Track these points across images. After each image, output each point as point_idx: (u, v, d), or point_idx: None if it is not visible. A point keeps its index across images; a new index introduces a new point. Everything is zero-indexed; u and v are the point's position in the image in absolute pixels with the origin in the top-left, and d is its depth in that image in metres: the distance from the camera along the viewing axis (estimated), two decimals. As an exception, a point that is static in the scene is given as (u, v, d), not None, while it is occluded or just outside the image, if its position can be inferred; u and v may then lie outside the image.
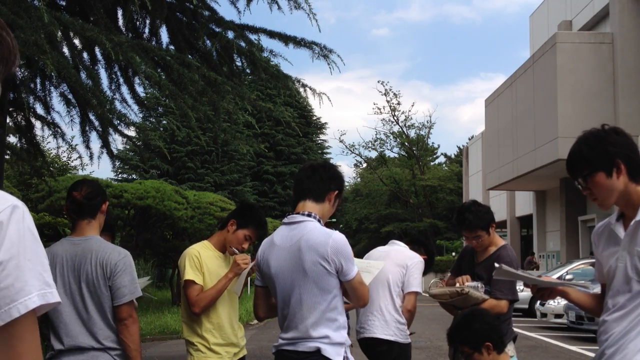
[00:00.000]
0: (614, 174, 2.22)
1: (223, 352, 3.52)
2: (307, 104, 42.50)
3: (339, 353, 2.65)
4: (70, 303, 2.92)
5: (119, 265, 2.93)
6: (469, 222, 3.74)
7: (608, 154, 2.23)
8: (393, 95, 43.22)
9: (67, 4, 6.30)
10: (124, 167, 35.72)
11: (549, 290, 2.58)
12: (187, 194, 17.08)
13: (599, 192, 2.26)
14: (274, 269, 2.77)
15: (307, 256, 2.66)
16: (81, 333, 2.91)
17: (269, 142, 39.38)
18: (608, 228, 2.37)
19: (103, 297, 2.92)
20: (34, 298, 1.10)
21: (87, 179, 3.43)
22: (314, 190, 2.82)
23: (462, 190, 38.06)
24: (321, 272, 2.64)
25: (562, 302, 13.49)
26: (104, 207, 3.10)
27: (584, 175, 2.27)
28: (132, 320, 2.94)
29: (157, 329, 12.85)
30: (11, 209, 1.12)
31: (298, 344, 2.68)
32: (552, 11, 24.38)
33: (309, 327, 2.65)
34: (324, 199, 2.83)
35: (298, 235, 2.72)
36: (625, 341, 2.17)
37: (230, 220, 3.61)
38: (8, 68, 1.19)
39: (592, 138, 2.28)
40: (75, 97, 6.22)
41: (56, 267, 2.94)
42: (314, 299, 2.65)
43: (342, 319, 2.72)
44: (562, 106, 17.77)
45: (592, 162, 2.25)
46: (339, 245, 2.66)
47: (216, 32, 6.57)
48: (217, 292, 3.43)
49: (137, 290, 2.96)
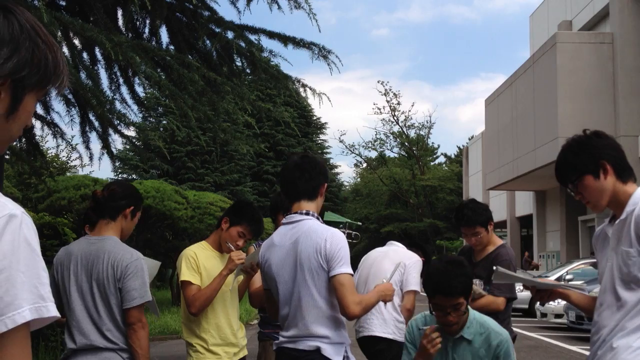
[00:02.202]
0: (601, 175, 2.27)
1: (222, 352, 3.51)
2: (307, 104, 42.48)
3: (338, 353, 2.65)
4: (81, 302, 2.91)
5: (130, 267, 2.88)
6: (468, 217, 3.76)
7: (592, 157, 2.28)
8: (393, 95, 43.31)
9: (66, 3, 6.31)
10: (124, 167, 35.70)
11: (549, 292, 2.59)
12: (187, 194, 17.07)
13: (590, 195, 2.31)
14: (274, 268, 2.79)
15: (305, 253, 2.68)
16: (92, 332, 2.88)
17: (269, 142, 39.37)
18: (604, 231, 2.41)
19: (112, 299, 2.88)
20: (25, 312, 1.05)
21: (120, 181, 3.35)
22: (307, 190, 2.84)
23: (462, 190, 38.06)
24: (318, 269, 2.65)
25: (562, 302, 13.49)
26: (127, 211, 3.03)
27: (572, 181, 2.33)
28: (141, 325, 2.89)
29: (157, 329, 12.85)
30: (7, 219, 1.07)
31: (298, 341, 2.69)
32: (552, 11, 24.38)
33: (309, 325, 2.66)
34: (317, 195, 2.87)
35: (297, 233, 2.74)
36: (614, 340, 2.19)
37: (224, 218, 3.61)
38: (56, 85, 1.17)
39: (575, 144, 2.36)
40: (75, 97, 6.22)
41: (70, 265, 2.94)
42: (313, 297, 2.66)
43: (343, 318, 2.72)
44: (562, 106, 17.77)
45: (577, 167, 2.31)
46: (335, 241, 2.68)
47: (216, 32, 6.58)
48: (212, 291, 3.41)
49: (147, 295, 2.92)
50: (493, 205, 29.32)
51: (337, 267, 2.63)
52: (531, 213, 25.73)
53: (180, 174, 34.32)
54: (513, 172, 21.61)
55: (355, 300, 2.63)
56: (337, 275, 2.62)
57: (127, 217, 3.05)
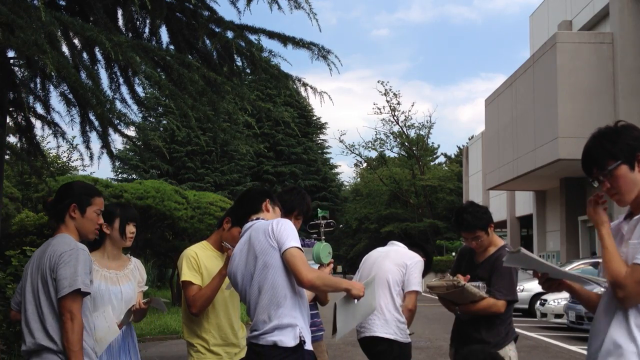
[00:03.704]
0: (637, 168, 2.22)
1: (223, 352, 3.51)
2: (307, 103, 42.51)
3: (295, 336, 2.74)
4: (32, 301, 2.91)
5: (64, 256, 2.83)
6: (467, 222, 3.74)
7: (630, 148, 2.22)
8: (393, 95, 43.29)
9: (66, 3, 6.30)
10: (124, 167, 35.72)
11: (558, 282, 2.50)
12: (187, 194, 17.07)
13: (622, 186, 2.24)
14: (234, 273, 2.94)
15: (255, 239, 2.85)
16: (38, 330, 2.86)
17: (269, 142, 39.38)
18: (619, 229, 2.36)
19: (52, 291, 2.84)
20: None
21: (64, 184, 3.23)
22: (249, 205, 3.10)
23: (462, 190, 38.05)
24: (267, 248, 2.79)
25: (562, 302, 13.50)
26: (71, 210, 2.99)
27: (608, 169, 2.24)
28: (70, 316, 2.77)
29: (157, 329, 12.85)
30: None
31: (259, 337, 2.78)
32: (552, 11, 24.38)
33: (263, 311, 2.77)
34: (261, 208, 3.08)
35: (248, 234, 2.93)
36: (609, 337, 2.18)
37: (226, 218, 3.60)
38: None
39: (612, 133, 2.27)
40: (75, 97, 6.22)
41: (28, 268, 2.98)
42: (266, 282, 2.78)
43: (296, 299, 2.80)
44: (562, 106, 17.76)
45: (616, 154, 2.22)
46: (280, 222, 2.86)
47: (216, 32, 6.57)
48: (212, 291, 3.41)
49: (78, 283, 2.79)
50: (493, 205, 29.34)
51: (286, 243, 2.77)
52: (531, 213, 25.73)
53: (180, 174, 34.34)
54: (513, 172, 21.60)
55: (308, 269, 2.74)
56: (287, 249, 2.76)
57: (76, 215, 3.00)
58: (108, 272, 3.53)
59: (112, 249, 3.59)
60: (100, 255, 3.56)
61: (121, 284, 3.55)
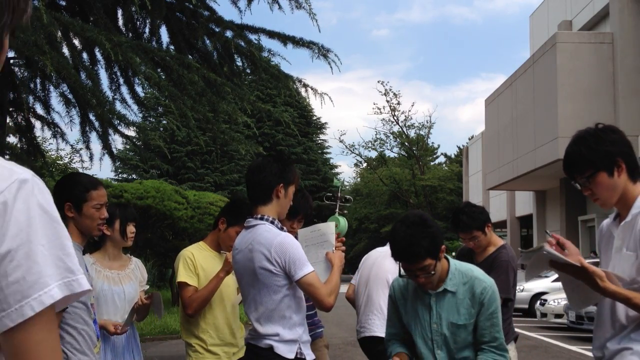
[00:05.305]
0: (615, 173, 2.21)
1: (221, 352, 3.51)
2: (307, 104, 42.46)
3: (291, 350, 2.73)
4: None
5: None
6: (464, 223, 3.75)
7: (609, 154, 2.20)
8: (393, 95, 43.29)
9: (66, 4, 6.30)
10: (124, 167, 35.70)
11: None
12: (187, 194, 17.06)
13: (601, 192, 2.24)
14: (237, 271, 2.90)
15: (256, 258, 2.74)
16: None
17: (269, 142, 39.35)
18: (609, 229, 2.36)
19: None
20: (53, 290, 0.89)
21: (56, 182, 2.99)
22: (258, 193, 2.83)
23: (462, 190, 38.04)
24: (267, 274, 2.71)
25: (562, 301, 13.49)
26: (66, 210, 2.75)
27: (586, 176, 2.23)
28: None
29: (157, 329, 12.84)
30: (18, 185, 0.91)
31: (256, 339, 2.78)
32: (552, 11, 24.37)
33: (261, 324, 2.75)
34: (271, 198, 2.82)
35: (251, 238, 2.80)
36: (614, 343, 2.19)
37: (220, 218, 3.59)
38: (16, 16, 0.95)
39: (591, 138, 2.25)
40: (75, 97, 6.22)
41: None
42: (264, 298, 2.74)
43: (297, 317, 2.77)
44: (562, 106, 17.76)
45: (594, 162, 2.21)
46: (282, 246, 2.70)
47: (216, 32, 6.57)
48: (209, 293, 3.40)
49: None
50: (493, 205, 29.34)
51: (298, 271, 2.69)
52: (531, 213, 25.72)
53: (180, 174, 34.32)
54: (513, 172, 21.60)
55: (326, 292, 2.73)
56: (301, 278, 2.69)
57: (73, 214, 2.78)
58: (110, 272, 3.54)
59: (113, 249, 3.60)
60: (102, 256, 3.57)
61: (123, 283, 3.56)
